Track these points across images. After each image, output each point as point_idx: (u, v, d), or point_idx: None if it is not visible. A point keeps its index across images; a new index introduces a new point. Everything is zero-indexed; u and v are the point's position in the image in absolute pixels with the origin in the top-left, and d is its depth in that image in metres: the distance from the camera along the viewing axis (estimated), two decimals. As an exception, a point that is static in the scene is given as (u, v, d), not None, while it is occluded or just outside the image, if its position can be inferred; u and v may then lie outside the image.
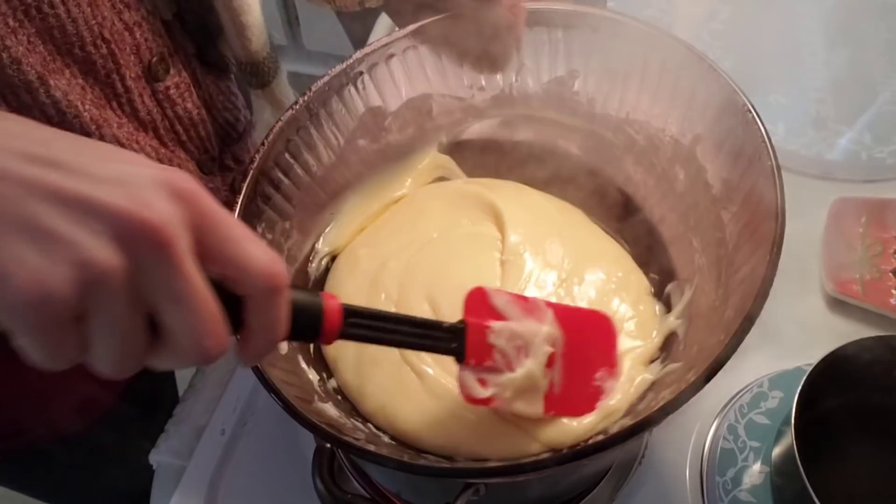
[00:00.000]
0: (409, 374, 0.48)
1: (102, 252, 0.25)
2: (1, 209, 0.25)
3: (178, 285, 0.26)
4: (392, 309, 0.49)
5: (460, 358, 0.42)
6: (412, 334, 0.40)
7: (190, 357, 0.28)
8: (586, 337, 0.46)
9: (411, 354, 0.49)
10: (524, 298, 0.45)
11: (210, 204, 0.28)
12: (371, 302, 0.52)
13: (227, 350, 0.29)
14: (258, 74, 0.60)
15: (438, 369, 0.48)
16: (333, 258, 0.57)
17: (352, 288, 0.53)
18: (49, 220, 0.25)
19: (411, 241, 0.55)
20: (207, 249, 0.27)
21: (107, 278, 0.25)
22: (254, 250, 0.28)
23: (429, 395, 0.47)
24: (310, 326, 0.34)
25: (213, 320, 0.27)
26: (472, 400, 0.43)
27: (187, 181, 0.27)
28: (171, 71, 0.55)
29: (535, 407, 0.44)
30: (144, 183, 0.26)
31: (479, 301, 0.43)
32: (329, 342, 0.36)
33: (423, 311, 0.51)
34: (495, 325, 0.43)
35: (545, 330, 0.44)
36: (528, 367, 0.43)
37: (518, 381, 0.43)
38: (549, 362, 0.44)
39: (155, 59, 0.53)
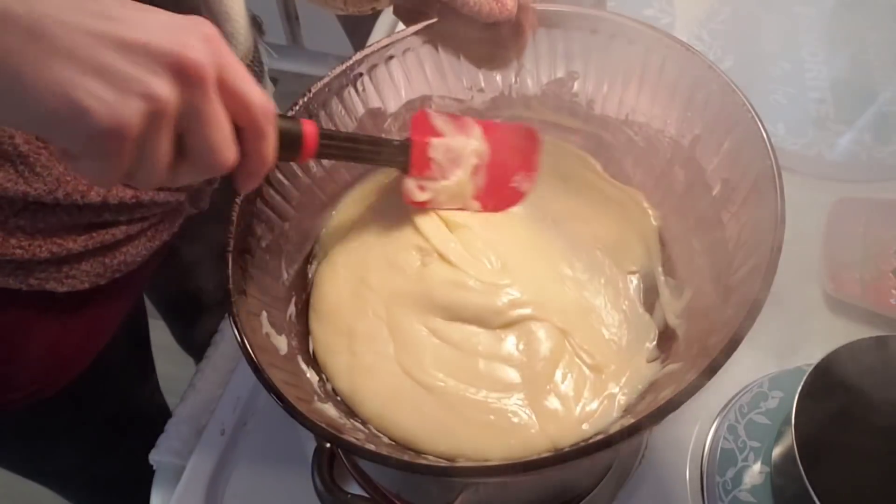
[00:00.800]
0: (407, 381, 0.48)
1: (163, 87, 0.31)
2: (77, 55, 0.30)
3: (207, 111, 0.33)
4: (385, 331, 0.50)
5: (406, 169, 0.51)
6: (371, 151, 0.49)
7: (209, 167, 0.34)
8: (509, 147, 0.55)
9: (409, 362, 0.49)
10: (458, 117, 0.54)
11: (227, 49, 0.34)
12: (358, 316, 0.51)
13: (234, 163, 0.35)
14: None
15: (441, 375, 0.48)
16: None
17: (335, 298, 0.52)
18: (118, 63, 0.30)
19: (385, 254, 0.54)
20: (223, 83, 0.33)
21: (165, 108, 0.31)
22: (256, 89, 0.35)
23: (430, 401, 0.47)
24: (292, 146, 0.41)
25: (229, 136, 0.34)
26: (413, 202, 0.52)
27: (210, 27, 0.33)
28: None
29: (466, 205, 0.55)
30: (183, 29, 0.32)
31: (421, 121, 0.52)
32: (306, 160, 0.43)
33: (420, 332, 0.50)
34: (434, 141, 0.52)
35: (473, 144, 0.53)
36: (458, 175, 0.53)
37: (450, 188, 0.53)
38: (475, 171, 0.54)
39: None
